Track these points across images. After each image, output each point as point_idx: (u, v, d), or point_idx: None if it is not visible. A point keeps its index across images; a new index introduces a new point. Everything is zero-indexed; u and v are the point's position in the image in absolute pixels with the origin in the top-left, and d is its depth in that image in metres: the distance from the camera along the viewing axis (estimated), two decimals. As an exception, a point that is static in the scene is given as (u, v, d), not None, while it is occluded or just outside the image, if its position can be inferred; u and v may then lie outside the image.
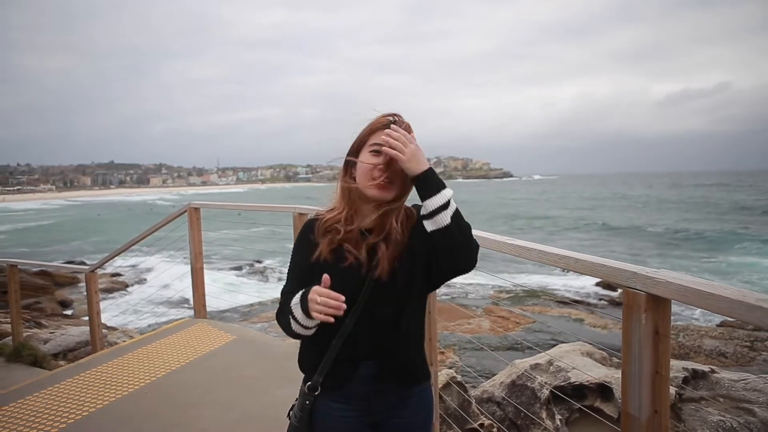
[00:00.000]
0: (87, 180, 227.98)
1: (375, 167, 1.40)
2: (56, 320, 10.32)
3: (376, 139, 1.42)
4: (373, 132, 1.44)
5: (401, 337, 1.46)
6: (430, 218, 1.34)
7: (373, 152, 1.42)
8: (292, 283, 1.49)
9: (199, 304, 5.19)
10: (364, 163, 1.42)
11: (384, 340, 1.44)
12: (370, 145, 1.43)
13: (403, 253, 1.44)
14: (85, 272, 5.53)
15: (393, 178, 1.41)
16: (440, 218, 1.33)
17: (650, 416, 1.53)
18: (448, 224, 1.33)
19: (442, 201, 1.33)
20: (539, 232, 32.91)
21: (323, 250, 1.44)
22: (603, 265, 1.67)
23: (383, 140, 1.36)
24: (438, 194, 1.33)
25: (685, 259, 22.44)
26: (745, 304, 1.24)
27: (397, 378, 1.47)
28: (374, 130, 1.43)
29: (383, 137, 1.36)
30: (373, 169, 1.40)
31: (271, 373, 3.75)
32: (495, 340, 9.64)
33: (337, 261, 1.43)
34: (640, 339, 1.51)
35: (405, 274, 1.43)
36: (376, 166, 1.40)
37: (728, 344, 8.56)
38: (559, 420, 3.75)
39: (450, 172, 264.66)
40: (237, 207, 5.81)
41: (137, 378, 3.69)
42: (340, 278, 1.39)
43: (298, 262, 1.51)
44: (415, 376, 1.51)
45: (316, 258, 1.44)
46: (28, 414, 3.20)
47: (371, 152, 1.42)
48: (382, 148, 1.37)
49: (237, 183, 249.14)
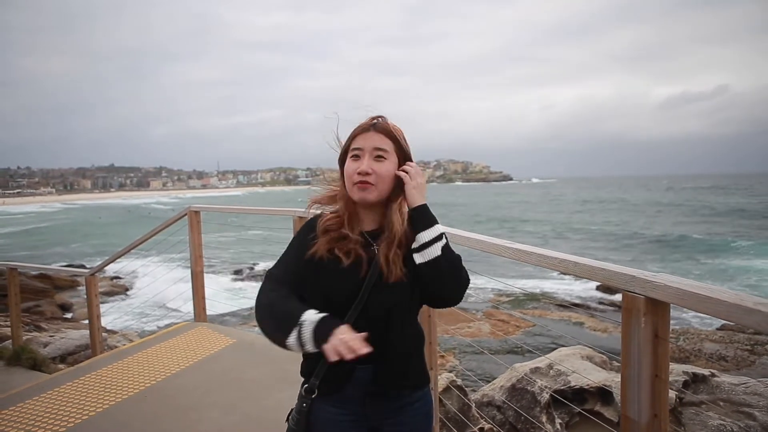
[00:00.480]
0: (87, 183, 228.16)
1: (355, 171, 1.43)
2: (56, 324, 10.33)
3: (356, 144, 1.45)
4: (354, 137, 1.47)
5: (400, 342, 1.46)
6: (420, 251, 1.41)
7: (353, 157, 1.45)
8: (283, 270, 1.48)
9: (199, 308, 5.19)
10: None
11: (382, 344, 1.42)
12: (351, 150, 1.46)
13: (405, 257, 1.45)
14: (85, 275, 5.53)
15: (374, 181, 1.42)
16: (431, 250, 1.41)
17: (650, 420, 1.53)
18: (438, 256, 1.40)
19: (434, 234, 1.41)
20: (531, 237, 32.86)
21: (321, 248, 1.44)
22: (602, 268, 1.68)
23: (403, 169, 1.45)
24: (431, 228, 1.42)
25: (679, 261, 22.48)
26: (742, 307, 1.24)
27: (395, 382, 1.47)
28: (355, 135, 1.47)
29: (404, 167, 1.45)
30: (353, 173, 1.43)
31: (272, 376, 3.74)
32: (495, 344, 9.64)
33: (335, 261, 1.43)
34: (639, 342, 1.52)
35: (405, 278, 1.44)
36: (356, 171, 1.43)
37: (728, 348, 8.56)
38: (559, 424, 3.75)
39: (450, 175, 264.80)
40: (237, 210, 5.81)
41: (137, 381, 3.69)
42: (338, 279, 1.42)
43: (293, 253, 1.50)
44: (414, 381, 1.51)
45: (313, 255, 1.44)
46: (28, 418, 3.19)
47: (352, 157, 1.45)
48: (399, 172, 1.44)
49: (237, 186, 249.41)
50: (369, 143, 1.44)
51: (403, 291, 1.44)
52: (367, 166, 1.41)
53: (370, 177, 1.41)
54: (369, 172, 1.41)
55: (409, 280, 1.44)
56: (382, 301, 1.42)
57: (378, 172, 1.42)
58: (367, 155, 1.43)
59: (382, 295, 1.42)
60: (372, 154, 1.43)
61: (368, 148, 1.43)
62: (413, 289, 1.46)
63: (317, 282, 1.44)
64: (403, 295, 1.45)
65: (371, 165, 1.42)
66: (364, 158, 1.43)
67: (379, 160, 1.43)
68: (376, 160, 1.43)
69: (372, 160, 1.42)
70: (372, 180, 1.42)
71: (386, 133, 1.45)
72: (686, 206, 51.61)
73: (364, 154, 1.43)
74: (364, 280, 1.42)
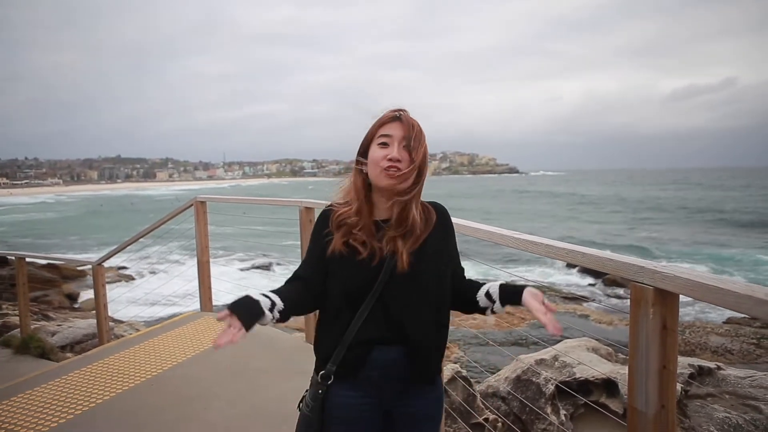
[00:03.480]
0: (94, 174, 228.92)
1: (384, 158, 1.43)
2: (64, 313, 10.40)
3: (384, 131, 1.46)
4: (381, 125, 1.48)
5: (418, 327, 1.46)
6: (489, 304, 1.53)
7: (381, 144, 1.45)
8: (306, 268, 1.52)
9: (206, 298, 5.21)
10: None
11: (399, 328, 1.44)
12: (379, 137, 1.46)
13: (422, 246, 1.46)
14: (92, 265, 5.55)
15: (403, 168, 1.43)
16: (494, 308, 1.52)
17: (657, 411, 1.52)
18: (486, 311, 1.54)
19: (505, 308, 1.52)
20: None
21: (337, 243, 1.45)
22: (610, 259, 1.66)
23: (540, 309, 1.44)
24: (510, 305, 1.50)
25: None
26: (753, 298, 1.23)
27: (412, 367, 1.47)
28: (382, 123, 1.48)
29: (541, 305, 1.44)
30: (383, 159, 1.43)
31: (277, 367, 3.76)
32: (500, 335, 9.64)
33: (352, 253, 1.44)
34: (647, 333, 1.51)
35: (423, 265, 1.44)
36: (385, 157, 1.43)
37: (734, 341, 8.52)
38: (564, 415, 3.74)
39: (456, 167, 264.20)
40: (243, 201, 5.82)
41: (143, 370, 3.71)
42: (355, 269, 1.43)
43: (312, 250, 1.53)
44: (429, 367, 1.51)
45: (331, 251, 1.45)
46: (36, 405, 3.22)
47: (380, 144, 1.45)
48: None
49: (243, 177, 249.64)
50: (398, 132, 1.44)
51: (419, 282, 1.44)
52: (398, 154, 1.42)
53: (401, 164, 1.42)
54: (400, 158, 1.42)
55: (429, 269, 1.45)
56: (397, 292, 1.43)
57: (407, 161, 1.43)
58: (396, 143, 1.43)
59: (398, 286, 1.43)
60: (401, 142, 1.44)
61: (398, 137, 1.44)
62: (432, 278, 1.47)
63: (335, 275, 1.46)
64: (420, 286, 1.45)
65: (401, 153, 1.43)
66: (393, 146, 1.43)
67: (407, 150, 1.44)
68: (404, 149, 1.43)
69: (401, 149, 1.43)
70: (402, 167, 1.42)
71: (413, 126, 1.46)
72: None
73: (393, 141, 1.44)
74: (379, 270, 1.43)
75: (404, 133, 1.44)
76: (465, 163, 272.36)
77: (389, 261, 1.43)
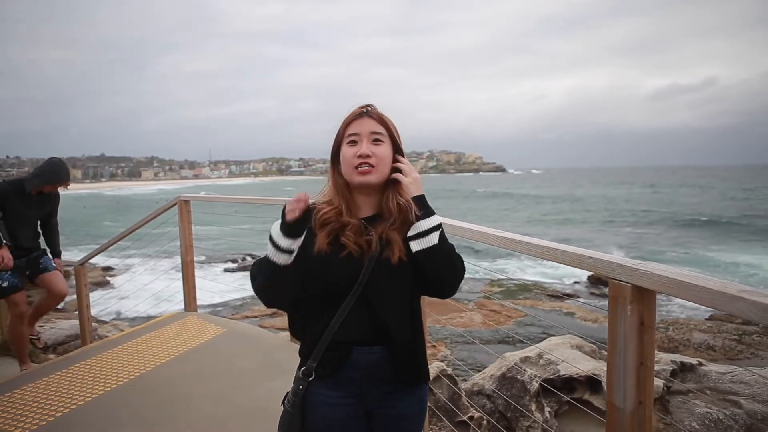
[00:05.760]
0: (78, 173, 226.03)
1: (354, 155, 1.44)
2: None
3: (351, 130, 1.47)
4: (348, 124, 1.49)
5: (399, 326, 1.46)
6: (418, 238, 1.43)
7: (350, 143, 1.47)
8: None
9: (190, 297, 5.17)
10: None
11: (381, 327, 1.44)
12: (347, 136, 1.48)
13: (404, 241, 1.46)
14: (75, 265, 5.49)
15: (374, 163, 1.44)
16: (429, 239, 1.43)
17: (635, 407, 1.54)
18: (435, 244, 1.43)
19: (432, 223, 1.44)
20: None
21: (321, 242, 1.44)
22: (589, 257, 1.68)
23: (395, 167, 1.48)
24: (429, 217, 1.45)
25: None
26: (727, 295, 1.25)
27: (393, 366, 1.46)
28: (349, 122, 1.49)
29: (396, 165, 1.48)
30: (353, 157, 1.44)
31: (262, 366, 3.75)
32: (486, 334, 9.69)
33: (336, 251, 1.43)
34: (625, 330, 1.52)
35: (405, 259, 1.44)
36: (355, 155, 1.44)
37: (717, 338, 8.65)
38: (548, 412, 3.78)
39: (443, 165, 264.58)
40: (227, 200, 5.79)
41: (127, 371, 3.68)
42: (338, 267, 1.42)
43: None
44: (411, 366, 1.50)
45: (317, 251, 1.44)
46: (17, 407, 3.18)
47: (349, 143, 1.47)
48: (395, 175, 1.47)
49: (229, 176, 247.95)
50: (365, 128, 1.46)
51: (403, 274, 1.45)
52: (367, 149, 1.43)
53: (371, 159, 1.43)
54: (369, 154, 1.43)
55: (408, 262, 1.45)
56: (381, 285, 1.43)
57: (377, 155, 1.44)
58: (365, 139, 1.45)
59: (381, 279, 1.43)
60: (369, 138, 1.45)
61: (365, 133, 1.45)
62: (412, 275, 1.46)
63: (317, 273, 1.44)
64: (403, 279, 1.45)
65: (370, 148, 1.44)
66: (362, 142, 1.45)
67: (376, 143, 1.45)
68: (373, 144, 1.45)
69: (370, 144, 1.44)
70: (373, 162, 1.43)
71: (379, 119, 1.48)
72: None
73: (362, 138, 1.45)
74: (363, 264, 1.42)
75: (372, 128, 1.46)
76: (452, 162, 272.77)
77: (372, 257, 1.42)
